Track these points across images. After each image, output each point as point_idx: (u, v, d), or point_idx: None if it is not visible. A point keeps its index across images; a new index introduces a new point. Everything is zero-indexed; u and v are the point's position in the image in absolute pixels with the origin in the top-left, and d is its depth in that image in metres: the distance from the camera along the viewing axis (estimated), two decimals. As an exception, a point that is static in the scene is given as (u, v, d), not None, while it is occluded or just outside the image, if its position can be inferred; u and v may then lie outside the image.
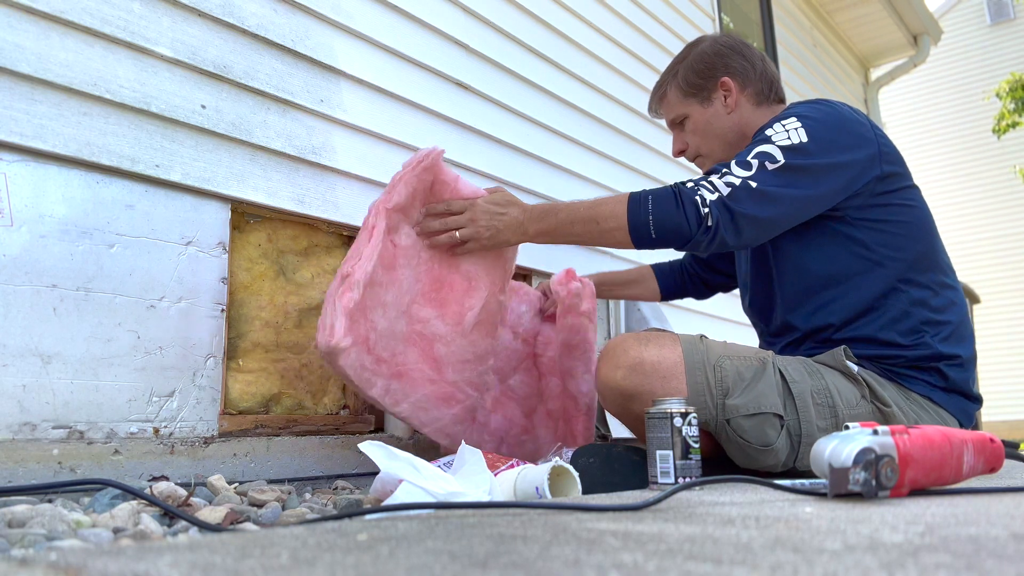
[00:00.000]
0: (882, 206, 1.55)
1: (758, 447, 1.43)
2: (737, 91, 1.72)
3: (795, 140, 1.48)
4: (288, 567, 0.54)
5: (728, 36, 1.78)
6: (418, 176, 1.52)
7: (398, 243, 1.52)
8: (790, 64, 4.67)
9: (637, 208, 1.48)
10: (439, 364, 1.59)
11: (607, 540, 0.67)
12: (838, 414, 1.46)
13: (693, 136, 1.77)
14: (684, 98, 1.75)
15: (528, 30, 2.45)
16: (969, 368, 1.56)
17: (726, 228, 1.44)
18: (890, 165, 1.56)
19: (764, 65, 1.75)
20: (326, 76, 1.76)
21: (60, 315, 1.27)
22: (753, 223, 1.46)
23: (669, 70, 1.80)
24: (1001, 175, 11.04)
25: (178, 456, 1.39)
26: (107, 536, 0.90)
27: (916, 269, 1.55)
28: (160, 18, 1.45)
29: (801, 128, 1.49)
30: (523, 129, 2.37)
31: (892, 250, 1.55)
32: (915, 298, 1.54)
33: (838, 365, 1.50)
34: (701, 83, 1.73)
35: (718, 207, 1.44)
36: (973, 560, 0.56)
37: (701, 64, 1.73)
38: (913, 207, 1.58)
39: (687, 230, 1.45)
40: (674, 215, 1.45)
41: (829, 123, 1.53)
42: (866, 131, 1.56)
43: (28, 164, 1.26)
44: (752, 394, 1.43)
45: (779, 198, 1.46)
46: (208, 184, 1.49)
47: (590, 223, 1.52)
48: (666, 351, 1.46)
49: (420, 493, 1.13)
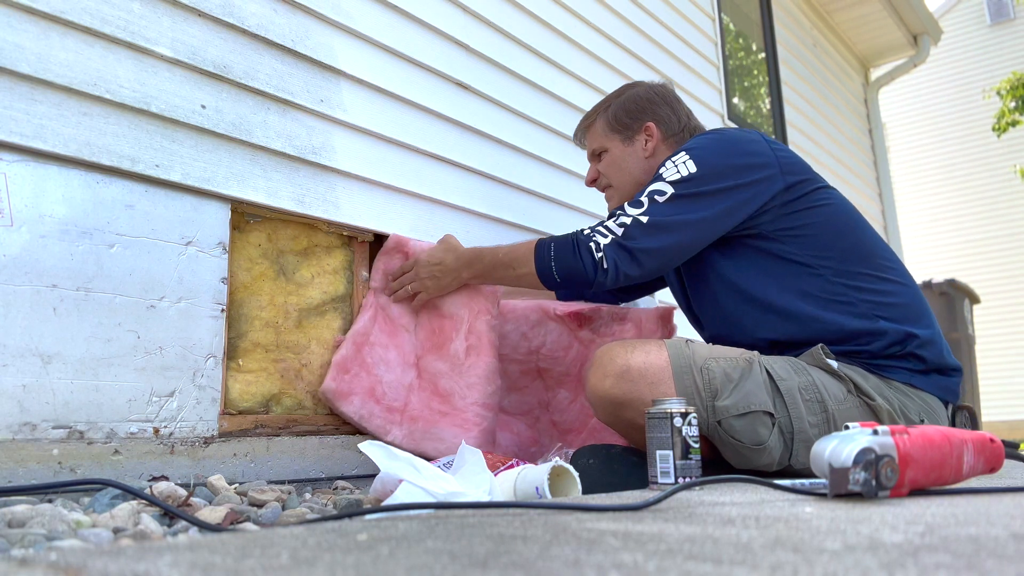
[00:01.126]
0: (796, 212, 1.59)
1: (751, 446, 1.44)
2: (659, 138, 1.81)
3: (684, 172, 1.57)
4: (288, 567, 0.54)
5: (663, 86, 1.89)
6: (384, 261, 1.82)
7: (391, 316, 1.80)
8: (790, 64, 4.67)
9: (542, 255, 1.60)
10: (446, 396, 1.73)
11: (607, 540, 0.67)
12: (827, 409, 1.47)
13: (607, 168, 1.86)
14: (609, 132, 1.85)
15: (528, 30, 2.45)
16: (938, 343, 1.57)
17: (626, 264, 1.54)
18: (793, 175, 1.61)
19: (689, 120, 1.85)
20: (326, 76, 1.76)
21: (60, 315, 1.27)
22: (651, 254, 1.55)
23: (601, 104, 1.90)
24: (1001, 175, 11.03)
25: (178, 456, 1.39)
26: (107, 536, 0.90)
27: (850, 261, 1.58)
28: (160, 18, 1.45)
29: (689, 160, 1.58)
30: (523, 129, 2.37)
31: (819, 251, 1.58)
32: (858, 286, 1.56)
33: (819, 363, 1.51)
34: (628, 122, 1.83)
35: (613, 248, 1.54)
36: (973, 560, 0.56)
37: (632, 105, 1.84)
38: (828, 205, 1.62)
39: (584, 275, 1.55)
40: (572, 261, 1.56)
41: (718, 150, 1.61)
42: (760, 148, 1.61)
43: (28, 164, 1.26)
44: (741, 393, 1.45)
45: (671, 226, 1.55)
46: (208, 184, 1.49)
47: (507, 268, 1.67)
48: (652, 356, 1.48)
49: (420, 493, 1.13)
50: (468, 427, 1.69)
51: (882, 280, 1.58)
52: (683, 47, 3.43)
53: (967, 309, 5.61)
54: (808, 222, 1.59)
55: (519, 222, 2.29)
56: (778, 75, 4.50)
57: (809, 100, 4.86)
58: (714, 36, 3.79)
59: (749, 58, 4.42)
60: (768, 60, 4.51)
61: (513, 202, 2.29)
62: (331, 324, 1.76)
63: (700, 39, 3.62)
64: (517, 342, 1.93)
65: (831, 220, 1.60)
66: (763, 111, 4.41)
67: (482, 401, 1.71)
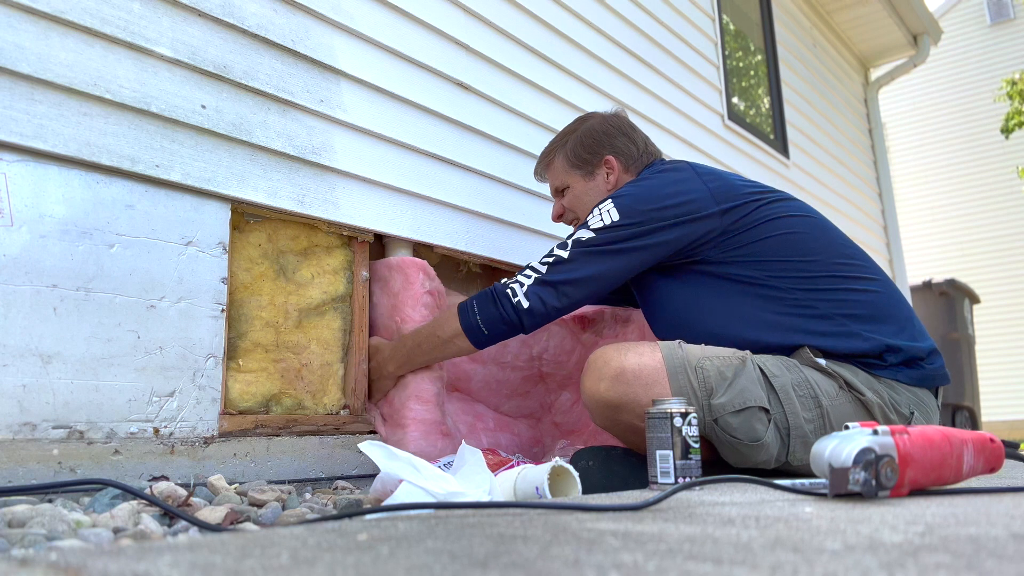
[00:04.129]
0: (739, 234, 1.60)
1: (748, 443, 1.44)
2: (620, 170, 1.84)
3: (607, 220, 1.61)
4: (288, 567, 0.54)
5: (616, 116, 1.91)
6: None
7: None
8: (790, 64, 4.67)
9: (466, 315, 1.63)
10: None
11: (607, 540, 0.67)
12: (821, 404, 1.47)
13: (572, 204, 1.89)
14: (569, 168, 1.88)
15: (528, 30, 2.45)
16: (909, 331, 1.57)
17: (551, 297, 1.59)
18: (728, 202, 1.61)
19: (647, 146, 1.88)
20: (326, 76, 1.76)
21: (60, 315, 1.27)
22: (574, 284, 1.59)
23: (558, 140, 1.92)
24: (1001, 175, 11.03)
25: (178, 456, 1.39)
26: (107, 536, 0.90)
27: (811, 268, 1.58)
28: (160, 18, 1.45)
29: (613, 208, 1.62)
30: (523, 129, 2.37)
31: (772, 269, 1.58)
32: (821, 294, 1.56)
33: (808, 362, 1.52)
34: (588, 157, 1.86)
35: (535, 287, 1.59)
36: (973, 560, 0.56)
37: (589, 140, 1.86)
38: (774, 220, 1.62)
39: (508, 319, 1.59)
40: (494, 312, 1.60)
41: (641, 196, 1.64)
42: (687, 186, 1.63)
43: (28, 164, 1.26)
44: (736, 390, 1.45)
45: (588, 266, 1.60)
46: (208, 184, 1.49)
47: (433, 338, 1.68)
48: (646, 358, 1.49)
49: (420, 493, 1.13)
50: (402, 423, 1.71)
51: (846, 279, 1.58)
52: (683, 47, 3.43)
53: (967, 309, 5.61)
54: (753, 240, 1.60)
55: (519, 222, 2.29)
56: (778, 75, 4.50)
57: (809, 100, 4.86)
58: (714, 36, 3.78)
59: (749, 58, 4.42)
60: (768, 60, 4.51)
61: (513, 202, 2.29)
62: (331, 324, 1.76)
63: (700, 39, 3.62)
64: (518, 350, 1.92)
65: (778, 234, 1.60)
66: (763, 111, 4.41)
67: (415, 395, 1.72)
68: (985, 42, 11.57)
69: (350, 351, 1.79)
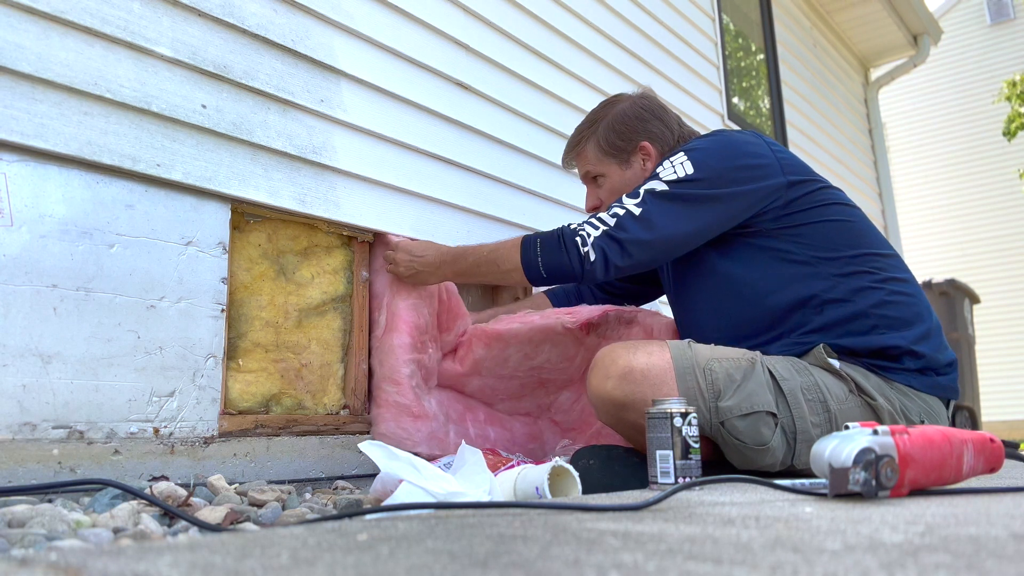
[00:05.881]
0: (797, 212, 1.59)
1: (754, 447, 1.43)
2: (656, 156, 1.76)
3: (681, 173, 1.56)
4: (288, 567, 0.54)
5: (645, 97, 1.83)
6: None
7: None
8: (790, 64, 4.67)
9: (528, 252, 1.59)
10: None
11: (607, 540, 0.67)
12: (830, 409, 1.46)
13: (609, 196, 1.80)
14: (603, 157, 1.79)
15: (528, 30, 2.45)
16: (934, 340, 1.56)
17: (615, 255, 1.53)
18: (795, 175, 1.60)
19: (681, 129, 1.80)
20: (326, 76, 1.76)
21: (60, 315, 1.27)
22: (641, 246, 1.54)
23: (586, 125, 1.83)
24: (1001, 175, 11.03)
25: (178, 456, 1.39)
26: (107, 536, 0.90)
27: (852, 262, 1.57)
28: (160, 18, 1.45)
29: (687, 161, 1.57)
30: (523, 129, 2.37)
31: (819, 251, 1.57)
32: (858, 287, 1.55)
33: (821, 363, 1.51)
34: (622, 144, 1.77)
35: (602, 239, 1.53)
36: (973, 560, 0.56)
37: (621, 125, 1.78)
38: (831, 205, 1.61)
39: (571, 269, 1.55)
40: (558, 256, 1.56)
41: (716, 153, 1.59)
42: (759, 150, 1.61)
43: (28, 164, 1.26)
44: (744, 394, 1.44)
45: (664, 222, 1.54)
46: (209, 184, 1.49)
47: (492, 265, 1.65)
48: (655, 358, 1.47)
49: (420, 493, 1.13)
50: (378, 403, 1.73)
51: (885, 280, 1.57)
52: (683, 47, 3.43)
53: (967, 309, 5.61)
54: (808, 221, 1.59)
55: (519, 222, 2.29)
56: (778, 75, 4.50)
57: (809, 100, 4.86)
58: (714, 36, 3.78)
59: (749, 58, 4.42)
60: (768, 60, 4.51)
61: (513, 202, 2.29)
62: (331, 324, 1.76)
63: (700, 39, 3.62)
64: (519, 362, 1.90)
65: (831, 220, 1.60)
66: (763, 111, 4.41)
67: (389, 376, 1.73)
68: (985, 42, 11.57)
69: (350, 351, 1.79)
